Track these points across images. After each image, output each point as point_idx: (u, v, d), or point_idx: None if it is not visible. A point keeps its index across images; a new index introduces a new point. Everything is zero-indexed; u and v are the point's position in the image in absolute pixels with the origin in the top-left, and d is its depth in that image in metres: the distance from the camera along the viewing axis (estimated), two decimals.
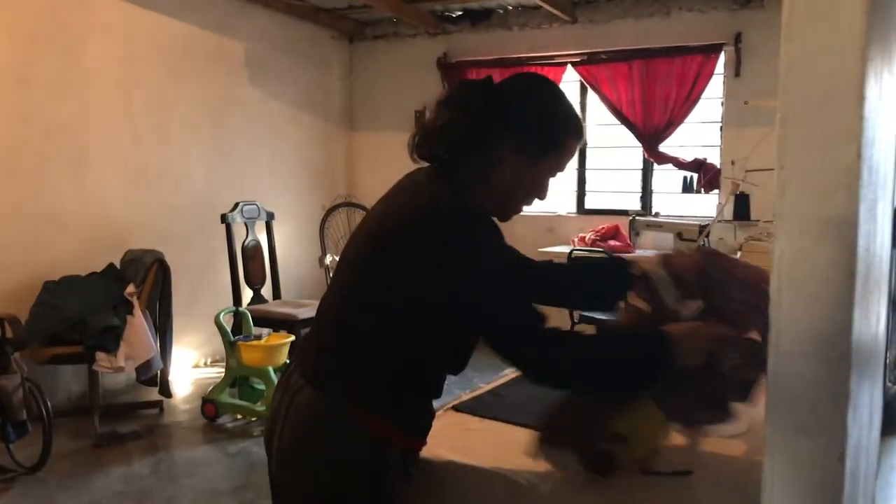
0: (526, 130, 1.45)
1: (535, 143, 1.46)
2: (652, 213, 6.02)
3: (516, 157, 1.46)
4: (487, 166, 1.46)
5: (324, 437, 1.43)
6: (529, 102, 1.49)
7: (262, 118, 6.19)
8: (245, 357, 4.40)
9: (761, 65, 5.54)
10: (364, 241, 1.48)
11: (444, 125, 1.46)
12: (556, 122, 1.49)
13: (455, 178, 1.45)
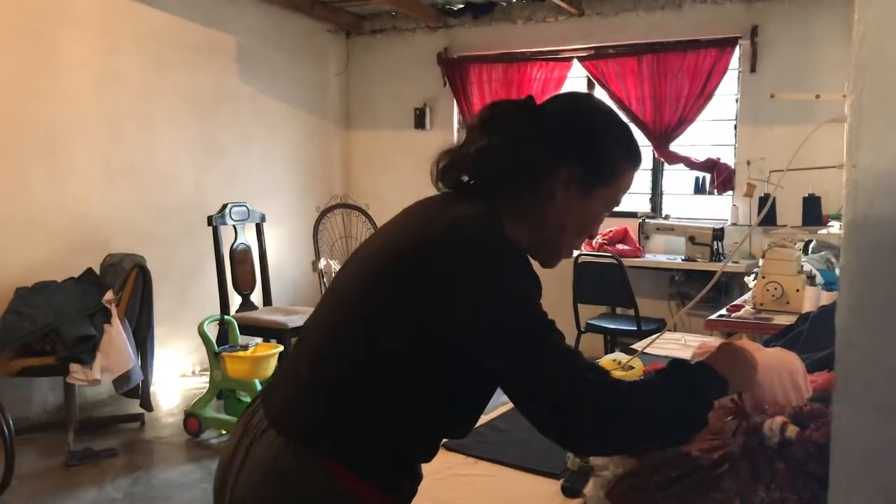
0: (579, 158, 1.23)
1: (589, 173, 1.23)
2: (662, 215, 5.74)
3: (567, 189, 1.23)
4: (534, 199, 1.23)
5: (289, 494, 1.16)
6: (581, 125, 1.27)
7: (253, 115, 5.92)
8: (230, 369, 4.13)
9: (779, 59, 5.25)
10: (363, 268, 1.22)
11: (482, 150, 1.23)
12: (612, 149, 1.26)
13: (489, 203, 1.21)
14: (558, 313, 4.65)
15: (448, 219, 1.17)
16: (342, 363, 1.18)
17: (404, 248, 1.16)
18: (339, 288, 1.27)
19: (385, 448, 1.17)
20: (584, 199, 1.24)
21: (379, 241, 1.26)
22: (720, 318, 3.04)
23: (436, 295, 1.11)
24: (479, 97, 6.25)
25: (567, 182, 1.23)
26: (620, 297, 4.70)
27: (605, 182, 1.25)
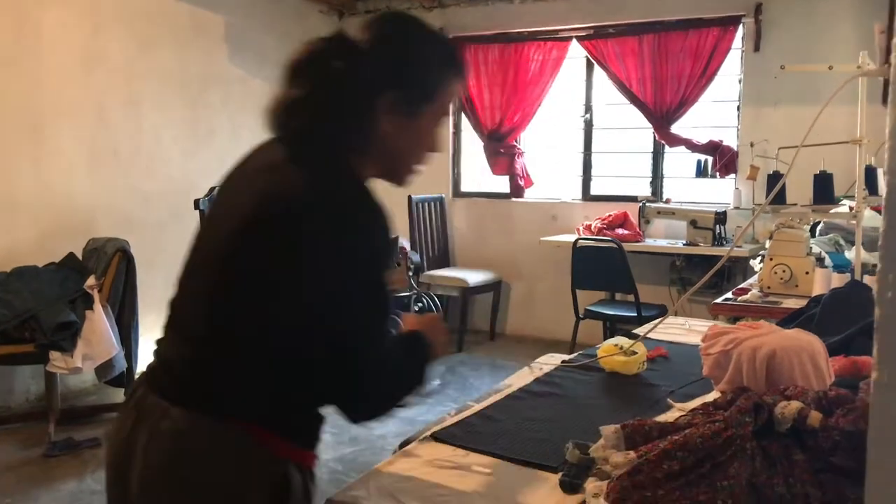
0: (395, 85, 1.23)
1: (409, 96, 1.24)
2: (663, 199, 5.59)
3: (394, 115, 1.23)
4: (365, 134, 1.23)
5: (210, 465, 1.15)
6: (391, 52, 1.25)
7: (243, 97, 5.75)
8: None
9: (784, 38, 5.10)
10: (229, 231, 1.20)
11: (301, 98, 1.24)
12: (427, 67, 1.27)
13: (330, 146, 1.23)
14: (556, 299, 4.53)
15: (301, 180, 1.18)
16: (226, 329, 1.18)
17: (267, 213, 1.16)
18: (203, 257, 1.26)
19: (291, 398, 1.18)
20: (413, 121, 1.25)
21: (235, 205, 1.23)
22: (726, 301, 2.91)
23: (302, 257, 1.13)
24: (476, 78, 6.09)
25: (391, 110, 1.22)
26: (620, 283, 4.57)
27: (428, 99, 1.25)
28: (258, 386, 1.16)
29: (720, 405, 1.41)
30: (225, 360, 1.18)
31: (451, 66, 1.31)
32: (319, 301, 1.13)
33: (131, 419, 1.21)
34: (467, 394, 4.68)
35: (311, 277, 1.13)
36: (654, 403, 1.84)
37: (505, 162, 6.03)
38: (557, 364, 2.18)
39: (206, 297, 1.22)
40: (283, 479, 1.17)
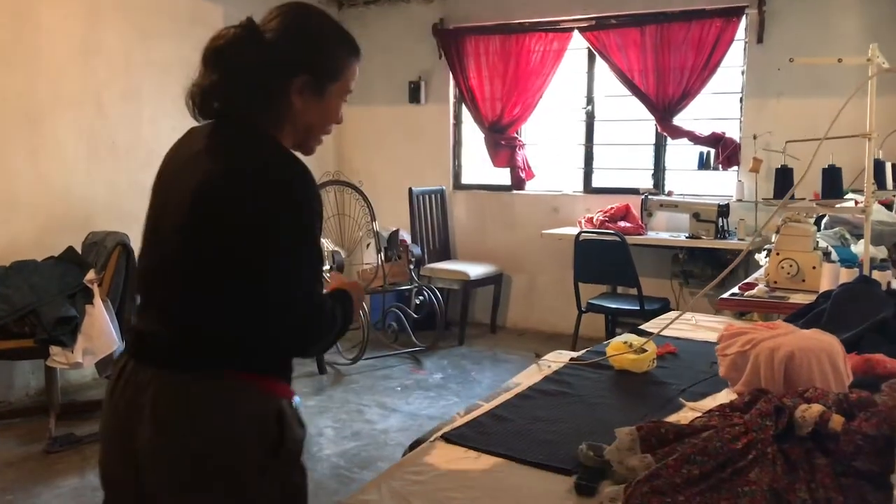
0: (304, 68, 1.39)
1: (317, 78, 1.41)
2: (665, 191, 5.56)
3: (305, 95, 1.40)
4: (280, 112, 1.40)
5: (217, 411, 1.30)
6: (299, 38, 1.41)
7: None
8: None
9: (787, 30, 5.06)
10: (183, 210, 1.32)
11: (220, 84, 1.38)
12: (331, 51, 1.44)
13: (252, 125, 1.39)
14: (558, 292, 4.52)
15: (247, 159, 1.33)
16: (197, 296, 1.31)
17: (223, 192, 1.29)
18: (161, 236, 1.38)
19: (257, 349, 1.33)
20: (320, 99, 1.42)
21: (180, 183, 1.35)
22: (732, 296, 2.88)
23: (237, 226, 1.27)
24: (476, 70, 6.04)
25: (301, 90, 1.39)
26: (623, 276, 4.54)
27: (333, 79, 1.43)
28: (234, 340, 1.31)
29: (737, 407, 1.39)
30: (202, 324, 1.31)
31: (351, 48, 1.48)
32: (268, 262, 1.28)
33: (129, 392, 1.33)
34: (469, 388, 4.67)
35: (258, 242, 1.27)
36: (665, 402, 1.82)
37: (506, 154, 5.99)
38: (566, 362, 2.15)
39: (173, 272, 1.34)
40: (279, 411, 1.34)
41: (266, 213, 1.27)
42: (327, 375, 4.90)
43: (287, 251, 1.29)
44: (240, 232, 1.27)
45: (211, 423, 1.29)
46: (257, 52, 1.37)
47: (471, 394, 4.55)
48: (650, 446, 1.37)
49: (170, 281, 1.35)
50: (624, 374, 2.02)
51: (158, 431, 1.28)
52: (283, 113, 1.40)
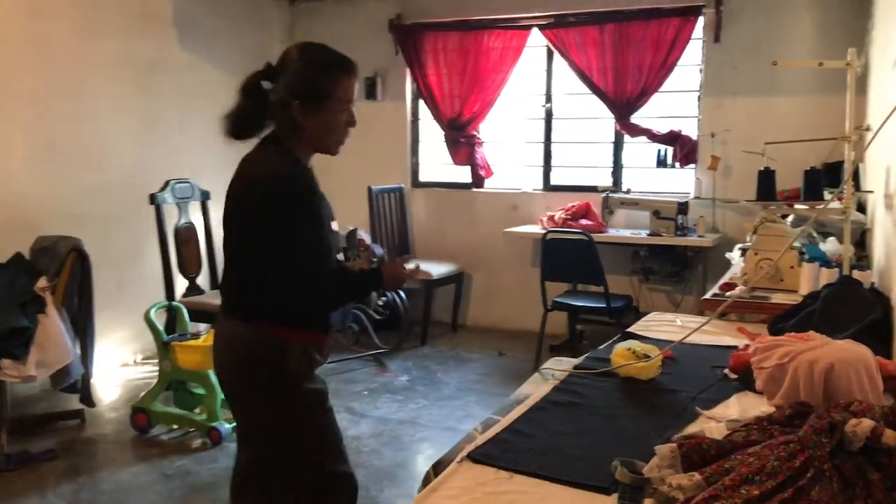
0: (297, 95, 1.85)
1: (310, 100, 1.86)
2: (623, 189, 5.60)
3: (304, 115, 1.86)
4: (292, 129, 1.89)
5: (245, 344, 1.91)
6: (294, 71, 1.88)
7: (194, 85, 5.51)
8: (181, 359, 3.82)
9: (744, 29, 5.15)
10: (234, 209, 1.90)
11: (250, 110, 1.93)
12: (319, 76, 1.88)
13: (277, 143, 1.92)
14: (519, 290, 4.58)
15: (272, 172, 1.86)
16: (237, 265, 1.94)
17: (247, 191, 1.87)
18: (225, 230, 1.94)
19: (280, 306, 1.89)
20: (320, 113, 1.87)
21: (231, 185, 1.93)
22: (714, 297, 2.90)
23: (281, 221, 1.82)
24: (434, 66, 5.98)
25: (300, 112, 1.86)
26: (589, 275, 4.55)
27: (325, 98, 1.87)
28: (263, 299, 1.88)
29: (777, 420, 1.37)
30: (245, 288, 1.92)
31: (340, 69, 1.90)
32: (290, 244, 1.82)
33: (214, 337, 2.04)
34: (437, 389, 4.62)
35: (284, 230, 1.81)
36: (680, 411, 1.80)
37: (465, 152, 5.95)
38: (569, 370, 2.12)
39: (229, 254, 1.95)
40: (282, 348, 1.88)
41: (265, 211, 1.82)
42: None
43: (282, 238, 1.82)
44: (266, 224, 1.82)
45: (240, 348, 1.91)
46: (269, 85, 1.89)
47: (439, 395, 4.50)
48: (692, 463, 1.34)
49: (227, 260, 1.98)
50: (630, 382, 2.00)
51: (217, 355, 1.99)
52: (295, 129, 1.89)
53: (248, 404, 1.97)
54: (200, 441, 3.78)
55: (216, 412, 3.78)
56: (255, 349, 1.89)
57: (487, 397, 4.46)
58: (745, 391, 1.95)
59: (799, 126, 5.05)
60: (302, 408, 1.94)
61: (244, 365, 1.91)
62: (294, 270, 1.84)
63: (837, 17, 4.89)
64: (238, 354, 1.91)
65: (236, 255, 1.92)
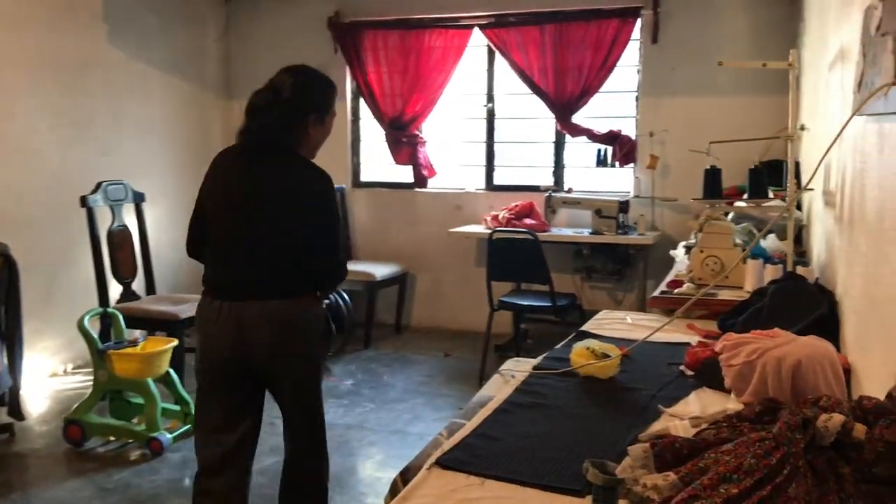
0: (314, 110, 2.31)
1: (321, 114, 2.34)
2: (564, 188, 5.65)
3: (315, 125, 2.33)
4: (300, 138, 2.31)
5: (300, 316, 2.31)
6: (308, 92, 2.31)
7: (126, 83, 5.32)
8: (118, 368, 3.66)
9: (680, 31, 5.26)
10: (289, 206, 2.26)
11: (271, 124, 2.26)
12: (326, 95, 2.37)
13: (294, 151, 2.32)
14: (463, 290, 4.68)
15: (317, 173, 2.31)
16: (287, 252, 2.27)
17: (300, 190, 2.28)
18: (255, 221, 2.26)
19: (313, 279, 2.36)
20: (323, 126, 2.36)
21: (267, 191, 2.26)
22: (662, 294, 2.94)
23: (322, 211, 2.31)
24: (375, 65, 5.92)
25: (314, 124, 2.32)
26: (535, 274, 4.56)
27: (328, 112, 2.37)
28: (302, 279, 2.31)
29: (746, 417, 1.38)
30: (288, 269, 2.28)
31: (333, 87, 2.41)
32: (324, 236, 2.31)
33: (235, 318, 2.23)
34: (383, 392, 4.56)
35: (321, 227, 2.30)
36: (643, 409, 1.81)
37: (407, 151, 5.90)
38: (528, 371, 2.10)
39: (274, 242, 2.26)
40: (325, 314, 2.45)
41: (325, 209, 2.31)
42: None
43: (328, 229, 2.32)
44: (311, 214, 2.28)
45: (297, 322, 2.29)
46: (278, 104, 2.25)
47: (385, 398, 4.45)
48: (665, 463, 1.33)
49: (266, 247, 2.26)
50: (591, 381, 2.00)
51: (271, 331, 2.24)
52: (302, 138, 2.32)
53: (308, 370, 2.39)
54: (140, 452, 3.63)
55: (156, 421, 3.64)
56: (312, 320, 2.34)
57: (435, 399, 4.43)
58: (702, 388, 1.97)
59: (734, 126, 5.18)
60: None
61: (306, 334, 2.32)
62: (339, 248, 2.41)
63: (771, 19, 5.04)
64: (304, 325, 2.31)
65: (286, 242, 2.25)
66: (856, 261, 2.00)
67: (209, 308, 2.25)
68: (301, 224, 2.24)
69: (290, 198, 2.23)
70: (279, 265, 2.24)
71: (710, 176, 2.93)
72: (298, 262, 2.26)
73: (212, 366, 2.29)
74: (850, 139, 2.32)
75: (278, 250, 2.23)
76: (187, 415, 3.88)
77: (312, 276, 2.31)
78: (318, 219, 2.26)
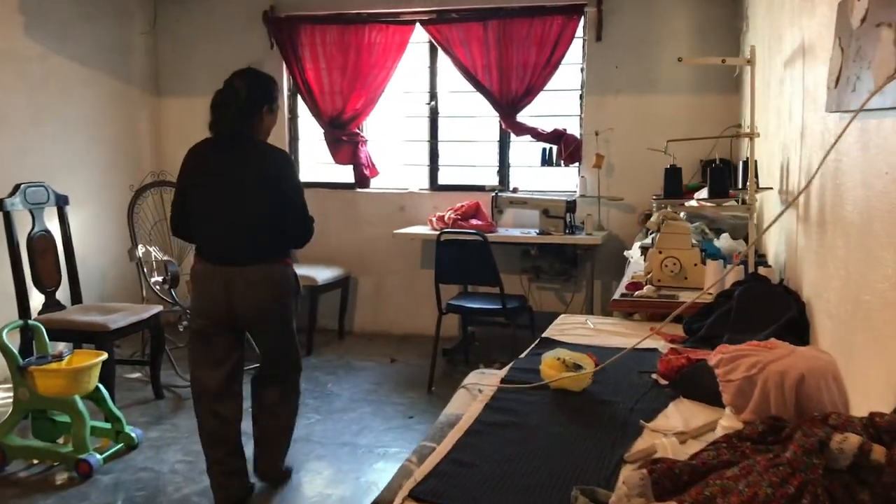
0: (266, 102, 2.90)
1: (271, 106, 2.93)
2: (510, 188, 5.55)
3: (267, 115, 2.92)
4: (258, 127, 2.89)
5: (277, 275, 2.94)
6: (260, 86, 2.92)
7: (45, 78, 4.99)
8: (41, 386, 3.39)
9: (624, 28, 5.22)
10: (257, 183, 2.83)
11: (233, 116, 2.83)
12: (273, 89, 2.96)
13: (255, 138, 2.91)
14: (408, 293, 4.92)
15: (277, 153, 2.93)
16: (260, 223, 2.85)
17: (265, 168, 2.83)
18: (232, 198, 2.83)
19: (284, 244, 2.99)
20: (272, 114, 2.94)
21: (238, 172, 2.83)
22: (623, 297, 2.85)
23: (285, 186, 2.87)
24: (313, 61, 5.71)
25: (266, 113, 2.89)
26: (484, 276, 4.44)
27: (275, 103, 2.93)
28: (276, 243, 2.90)
29: (748, 437, 1.28)
30: (264, 237, 2.85)
31: (276, 83, 2.99)
32: (291, 203, 2.86)
33: (222, 281, 2.84)
34: (328, 402, 4.37)
35: (287, 194, 2.84)
36: (622, 424, 1.70)
37: (348, 150, 5.72)
38: (496, 385, 1.97)
39: (249, 214, 2.82)
40: (295, 274, 3.03)
41: (288, 180, 2.87)
42: (165, 400, 4.39)
43: (294, 197, 2.87)
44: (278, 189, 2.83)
45: (276, 279, 2.91)
46: (237, 101, 2.82)
47: (331, 408, 4.26)
48: (664, 490, 1.22)
49: (246, 220, 2.82)
50: (563, 395, 1.88)
51: (253, 291, 2.84)
52: (259, 126, 2.88)
53: (284, 319, 3.02)
54: (67, 476, 3.37)
55: (85, 442, 3.38)
56: (284, 279, 2.94)
57: (383, 407, 4.27)
58: (679, 398, 1.88)
59: (679, 124, 5.18)
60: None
61: (280, 291, 2.93)
62: (306, 212, 2.93)
63: (714, 18, 5.05)
64: (280, 285, 2.93)
65: (263, 215, 2.81)
66: (830, 263, 1.93)
67: (201, 271, 2.89)
68: (268, 198, 2.79)
69: (258, 176, 2.79)
70: (254, 235, 2.83)
71: (671, 174, 2.86)
72: (269, 230, 2.84)
73: (208, 315, 2.90)
74: (814, 136, 2.27)
75: (252, 223, 2.81)
76: (119, 433, 3.64)
77: (283, 241, 2.93)
78: (283, 190, 2.82)
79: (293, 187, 2.87)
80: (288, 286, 2.95)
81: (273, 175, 2.80)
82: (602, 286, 5.44)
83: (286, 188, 2.82)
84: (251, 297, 2.82)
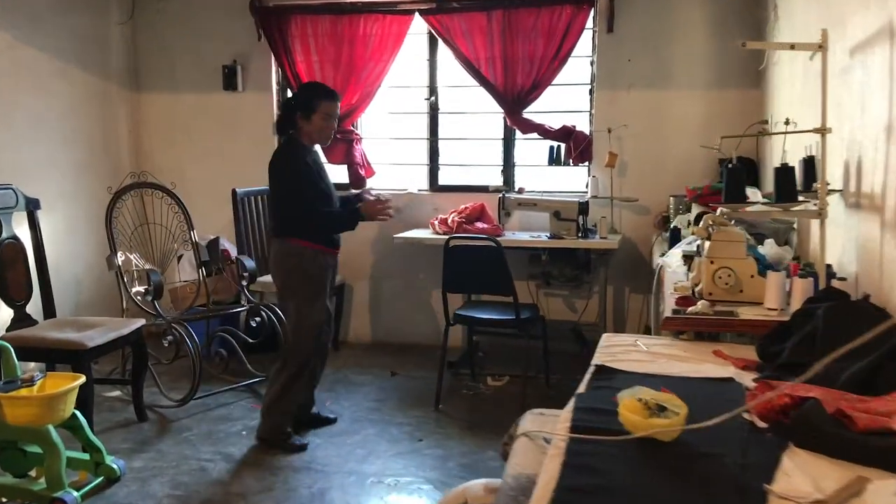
0: (297, 109, 3.58)
1: (304, 112, 3.56)
2: (515, 188, 5.22)
3: (302, 120, 3.56)
4: (299, 128, 3.59)
5: (286, 250, 3.60)
6: (296, 98, 3.81)
7: (14, 72, 4.58)
8: (10, 415, 3.00)
9: (637, 19, 4.91)
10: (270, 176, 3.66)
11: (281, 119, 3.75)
12: (309, 98, 3.58)
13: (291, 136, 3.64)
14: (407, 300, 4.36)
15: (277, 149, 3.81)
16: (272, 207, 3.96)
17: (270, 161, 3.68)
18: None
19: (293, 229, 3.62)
20: (310, 120, 3.56)
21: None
22: (675, 314, 2.52)
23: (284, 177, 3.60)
24: (304, 54, 5.34)
25: (301, 118, 3.57)
26: (497, 285, 4.10)
27: (312, 112, 3.56)
28: (287, 225, 3.60)
29: None
30: (274, 219, 3.74)
31: (322, 96, 3.58)
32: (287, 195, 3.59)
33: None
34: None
35: (287, 187, 3.56)
36: (741, 490, 1.37)
37: (342, 149, 5.35)
38: (564, 434, 1.62)
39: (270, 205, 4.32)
40: (304, 251, 3.58)
41: (281, 173, 3.56)
42: (149, 423, 4.01)
43: (291, 190, 3.53)
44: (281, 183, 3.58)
45: (284, 254, 3.60)
46: (284, 106, 3.81)
47: (332, 430, 3.91)
48: None
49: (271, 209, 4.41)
50: (651, 445, 1.54)
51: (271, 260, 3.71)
52: (300, 128, 3.60)
53: (282, 297, 3.72)
54: None
55: (60, 478, 3.01)
56: (296, 252, 3.54)
57: (389, 428, 3.92)
58: (789, 447, 1.56)
59: (697, 120, 4.90)
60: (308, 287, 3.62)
61: (276, 264, 3.63)
62: (293, 204, 3.53)
63: (734, 8, 4.76)
64: (273, 259, 3.64)
65: (271, 200, 3.88)
66: None
67: None
68: (271, 188, 3.66)
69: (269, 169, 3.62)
70: (272, 216, 3.93)
71: (732, 175, 2.54)
72: (277, 213, 3.64)
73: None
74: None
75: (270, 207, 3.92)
76: (98, 464, 3.26)
77: (287, 223, 3.58)
78: (272, 183, 3.61)
79: (273, 180, 3.58)
80: (278, 260, 3.60)
81: (270, 170, 3.61)
82: (615, 293, 5.14)
83: (272, 183, 3.60)
84: (272, 266, 3.70)
